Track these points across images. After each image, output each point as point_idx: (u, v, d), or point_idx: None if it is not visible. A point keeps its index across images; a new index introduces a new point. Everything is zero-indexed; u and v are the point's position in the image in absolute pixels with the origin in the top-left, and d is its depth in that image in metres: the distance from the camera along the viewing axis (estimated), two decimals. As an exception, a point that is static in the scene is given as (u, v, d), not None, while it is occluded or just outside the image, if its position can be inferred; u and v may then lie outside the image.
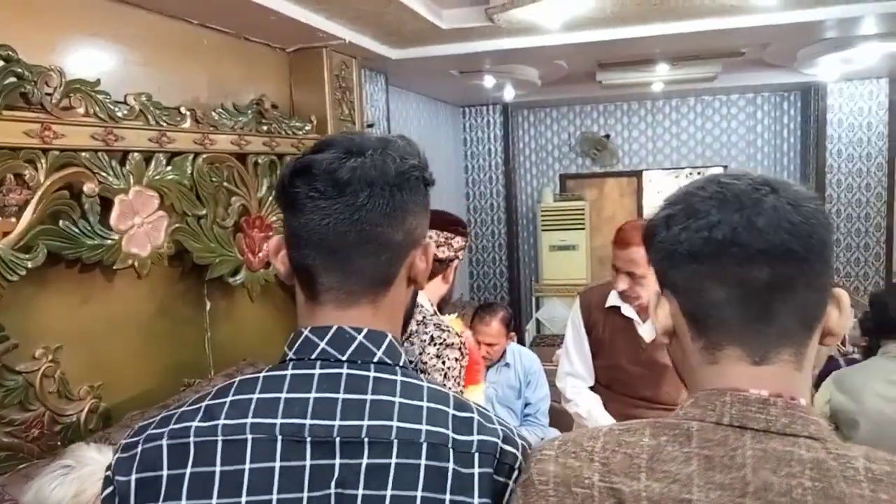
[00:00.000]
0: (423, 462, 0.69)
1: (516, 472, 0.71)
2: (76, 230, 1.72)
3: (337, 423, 0.70)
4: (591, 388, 2.23)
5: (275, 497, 0.68)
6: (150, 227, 1.94)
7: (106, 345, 1.95)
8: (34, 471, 1.41)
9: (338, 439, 0.70)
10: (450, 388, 0.90)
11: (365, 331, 0.75)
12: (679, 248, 0.67)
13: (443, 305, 1.84)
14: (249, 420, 0.70)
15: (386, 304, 0.78)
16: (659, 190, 6.21)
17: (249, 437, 0.70)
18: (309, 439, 0.70)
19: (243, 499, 0.68)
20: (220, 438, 0.70)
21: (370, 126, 3.36)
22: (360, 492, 0.68)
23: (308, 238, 0.75)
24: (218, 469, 0.69)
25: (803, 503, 0.60)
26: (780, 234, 0.63)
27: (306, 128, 2.71)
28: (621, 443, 0.67)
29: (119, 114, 1.83)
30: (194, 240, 2.13)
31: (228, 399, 0.73)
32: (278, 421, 0.70)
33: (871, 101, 5.34)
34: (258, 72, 2.67)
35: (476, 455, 0.70)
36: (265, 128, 2.51)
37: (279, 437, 0.70)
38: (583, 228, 6.16)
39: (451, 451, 0.70)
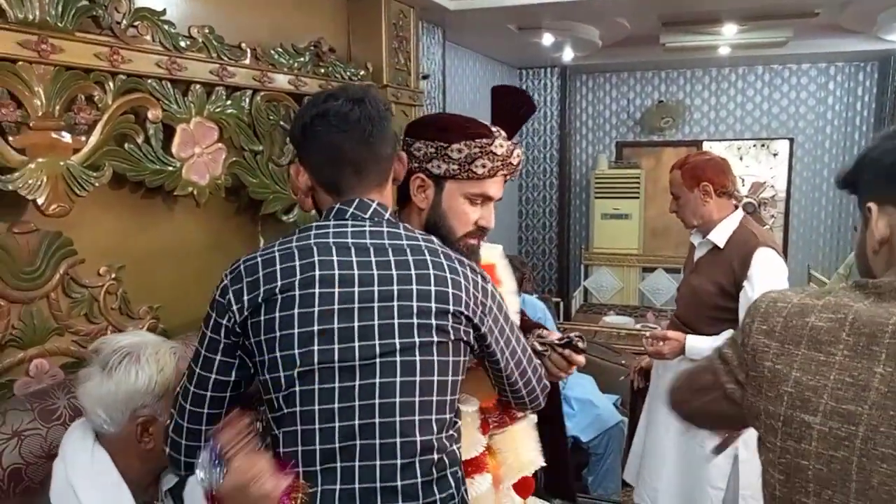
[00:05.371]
0: (439, 248, 1.21)
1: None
2: (140, 154, 1.79)
3: (368, 241, 1.17)
4: None
5: (336, 273, 1.12)
6: (209, 158, 2.01)
7: (164, 271, 2.03)
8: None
9: (371, 249, 1.17)
10: None
11: (376, 202, 1.22)
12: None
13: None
14: (312, 241, 1.16)
15: (385, 193, 1.27)
16: (719, 161, 6.01)
17: (313, 243, 1.15)
18: (353, 248, 1.16)
19: (329, 272, 1.13)
20: (294, 246, 1.15)
21: (425, 77, 3.35)
22: (407, 271, 1.14)
23: (333, 158, 1.20)
24: (297, 263, 1.13)
25: None
26: None
27: (361, 73, 2.73)
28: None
29: (183, 44, 1.89)
30: (250, 175, 2.19)
31: (294, 237, 1.18)
32: (331, 240, 1.17)
33: (957, 73, 5.04)
34: (317, 18, 2.70)
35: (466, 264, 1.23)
36: (322, 70, 2.53)
37: (333, 246, 1.15)
38: (637, 197, 6.04)
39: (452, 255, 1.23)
